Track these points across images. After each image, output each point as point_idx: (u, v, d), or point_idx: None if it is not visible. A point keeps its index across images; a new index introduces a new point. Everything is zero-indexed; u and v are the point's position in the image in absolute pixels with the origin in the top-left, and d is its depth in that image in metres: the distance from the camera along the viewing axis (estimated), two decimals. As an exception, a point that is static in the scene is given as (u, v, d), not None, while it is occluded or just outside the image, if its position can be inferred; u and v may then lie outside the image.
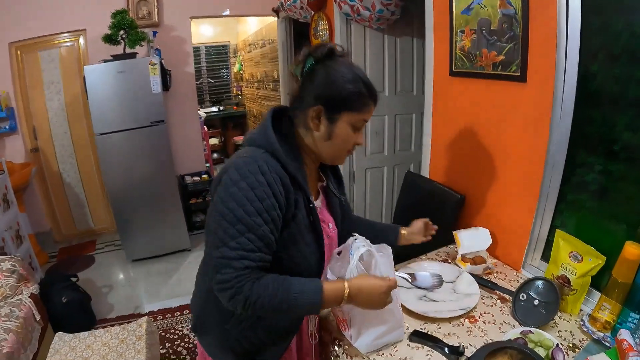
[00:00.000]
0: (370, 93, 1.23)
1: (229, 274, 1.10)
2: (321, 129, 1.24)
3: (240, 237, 1.10)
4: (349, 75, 1.20)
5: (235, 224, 1.11)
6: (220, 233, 1.12)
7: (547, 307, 1.49)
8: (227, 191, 1.13)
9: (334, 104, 1.21)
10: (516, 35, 1.69)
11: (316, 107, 1.21)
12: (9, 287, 2.66)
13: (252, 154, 1.17)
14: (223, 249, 1.11)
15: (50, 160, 4.62)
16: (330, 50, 1.22)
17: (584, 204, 1.62)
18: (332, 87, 1.19)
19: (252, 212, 1.10)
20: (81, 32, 4.37)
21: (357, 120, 1.24)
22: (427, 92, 2.38)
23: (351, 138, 1.26)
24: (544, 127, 1.65)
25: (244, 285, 1.10)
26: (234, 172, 1.13)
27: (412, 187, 2.60)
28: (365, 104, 1.23)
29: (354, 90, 1.20)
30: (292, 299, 1.14)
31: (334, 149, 1.28)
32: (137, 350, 2.22)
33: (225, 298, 1.12)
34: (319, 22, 3.57)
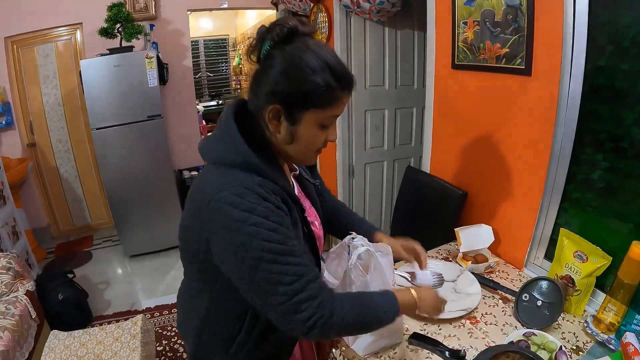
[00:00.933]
0: (342, 83, 1.01)
1: (311, 306, 0.99)
2: (282, 131, 1.06)
3: (290, 267, 0.98)
4: (313, 62, 0.97)
5: (276, 260, 0.97)
6: (268, 278, 0.97)
7: (551, 308, 1.45)
8: (242, 233, 0.96)
9: (295, 102, 1.00)
10: (521, 27, 1.64)
11: (274, 105, 1.01)
12: (4, 284, 2.63)
13: (236, 181, 0.99)
14: (283, 290, 0.97)
15: (47, 156, 4.59)
16: (291, 30, 0.99)
17: (589, 202, 1.58)
18: (289, 79, 0.98)
19: (282, 239, 0.98)
20: (77, 26, 4.32)
21: (325, 118, 1.04)
22: (428, 86, 2.33)
23: (319, 138, 1.07)
24: (549, 122, 1.61)
25: (332, 304, 1.02)
26: (233, 210, 0.96)
27: (412, 182, 2.56)
28: (335, 98, 1.01)
29: (319, 83, 0.97)
30: (371, 312, 1.09)
31: (300, 152, 1.10)
32: (132, 349, 2.20)
33: (318, 331, 1.00)
34: (318, 14, 3.52)
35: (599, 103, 1.47)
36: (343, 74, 1.01)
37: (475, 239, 1.85)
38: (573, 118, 1.54)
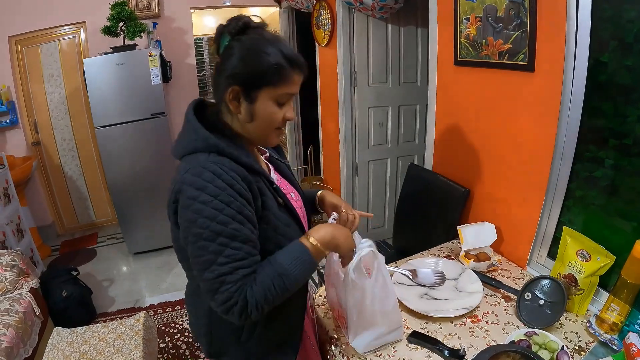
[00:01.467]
0: (292, 63, 1.11)
1: (228, 290, 1.02)
2: (242, 111, 1.14)
3: (226, 250, 1.03)
4: (264, 47, 1.09)
5: (214, 239, 1.02)
6: (205, 255, 1.04)
7: (553, 307, 1.44)
8: (191, 210, 1.04)
9: (251, 81, 1.10)
10: (524, 22, 1.63)
11: (232, 87, 1.10)
12: (8, 281, 2.65)
13: (197, 162, 1.07)
14: (213, 268, 1.03)
15: (52, 154, 4.60)
16: (245, 23, 1.11)
17: (593, 200, 1.56)
18: (246, 63, 1.09)
19: (226, 220, 1.03)
20: (81, 25, 4.32)
21: (280, 95, 1.12)
22: (431, 82, 2.32)
23: (277, 115, 1.15)
24: (552, 119, 1.59)
25: (246, 293, 1.03)
26: (189, 188, 1.04)
27: (415, 180, 2.55)
28: (287, 76, 1.11)
29: (270, 63, 1.08)
30: (291, 274, 1.09)
31: (260, 130, 1.17)
32: (134, 346, 2.20)
33: (236, 316, 1.05)
34: (321, 11, 3.52)
35: (602, 100, 1.46)
36: (292, 56, 1.11)
37: (478, 237, 1.84)
38: (576, 115, 1.52)
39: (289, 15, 4.63)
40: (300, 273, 1.10)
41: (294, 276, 1.09)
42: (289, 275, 1.08)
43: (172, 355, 2.82)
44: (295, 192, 1.39)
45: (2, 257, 2.75)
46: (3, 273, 2.67)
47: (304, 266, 1.11)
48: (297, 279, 1.10)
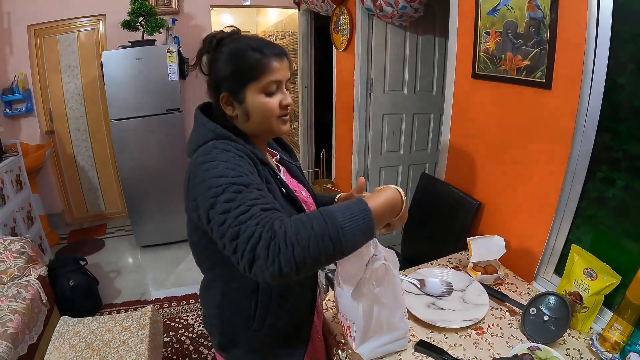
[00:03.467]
0: (264, 52, 1.15)
1: (249, 227, 0.90)
2: (238, 113, 1.20)
3: (240, 195, 0.96)
4: (236, 49, 1.16)
5: (225, 190, 0.97)
6: (217, 209, 0.96)
7: (557, 323, 1.45)
8: (199, 176, 1.03)
9: (234, 84, 1.16)
10: (543, 40, 1.64)
11: (222, 94, 1.18)
12: (17, 268, 2.68)
13: (205, 148, 1.10)
14: (229, 215, 0.93)
15: (65, 143, 4.65)
16: (218, 39, 1.20)
17: (602, 220, 1.57)
18: (224, 69, 1.16)
19: (239, 173, 1.00)
20: (100, 17, 4.37)
21: (265, 86, 1.16)
22: (447, 93, 2.33)
23: (270, 105, 1.18)
24: (567, 137, 1.60)
25: (274, 224, 0.90)
26: (199, 166, 1.05)
27: (426, 189, 2.56)
28: (264, 65, 1.14)
29: (244, 61, 1.14)
30: (342, 225, 0.91)
31: (260, 123, 1.21)
32: (140, 339, 2.22)
33: (262, 260, 0.88)
34: (340, 16, 3.54)
35: (617, 121, 1.47)
36: (262, 45, 1.16)
37: (487, 250, 1.85)
38: (590, 134, 1.53)
39: (308, 18, 4.66)
40: (352, 228, 0.92)
41: (343, 227, 0.91)
42: (335, 222, 0.91)
43: (176, 350, 2.84)
44: (305, 191, 1.41)
45: (12, 244, 2.78)
46: (12, 259, 2.70)
47: (358, 223, 0.93)
48: (346, 237, 0.91)
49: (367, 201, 0.98)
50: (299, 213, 1.09)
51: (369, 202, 0.98)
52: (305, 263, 0.88)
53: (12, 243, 2.78)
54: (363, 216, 0.95)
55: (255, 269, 0.89)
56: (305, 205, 1.32)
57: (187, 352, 2.83)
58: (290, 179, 1.40)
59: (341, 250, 0.92)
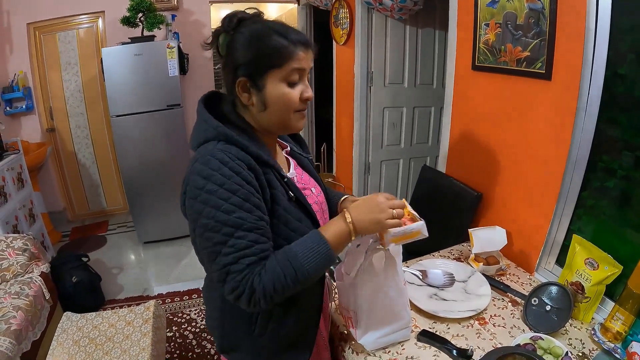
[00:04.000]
0: (290, 39, 1.08)
1: (234, 279, 1.01)
2: (254, 101, 1.13)
3: (230, 239, 1.01)
4: (258, 32, 1.09)
5: (219, 229, 1.01)
6: (210, 246, 1.03)
7: (559, 313, 1.45)
8: (198, 201, 1.03)
9: (254, 69, 1.09)
10: (543, 31, 1.64)
11: (239, 79, 1.10)
12: (20, 265, 2.69)
13: (205, 151, 1.07)
14: (219, 259, 1.02)
15: (66, 141, 4.65)
16: (240, 18, 1.12)
17: (603, 210, 1.58)
18: (245, 52, 1.09)
19: (232, 209, 1.01)
20: (100, 14, 4.37)
21: (287, 74, 1.09)
22: (448, 86, 2.33)
23: (291, 96, 1.12)
24: (567, 127, 1.60)
25: (253, 281, 1.01)
26: (196, 178, 1.03)
27: (428, 181, 2.56)
28: (289, 53, 1.08)
29: (267, 45, 1.07)
30: (302, 263, 1.04)
31: (278, 116, 1.14)
32: (144, 333, 2.22)
33: (244, 304, 1.04)
34: (340, 10, 3.53)
35: (618, 111, 1.47)
36: (288, 31, 1.09)
37: (488, 241, 1.85)
38: (591, 125, 1.53)
39: (307, 12, 4.65)
40: (315, 265, 1.06)
41: (306, 268, 1.05)
42: (301, 266, 1.04)
43: (179, 345, 2.86)
44: (316, 187, 1.36)
45: (14, 241, 2.79)
46: (15, 256, 2.71)
47: (319, 258, 1.06)
48: (309, 272, 1.05)
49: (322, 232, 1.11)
50: (307, 216, 1.20)
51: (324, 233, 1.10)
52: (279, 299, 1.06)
53: (14, 240, 2.79)
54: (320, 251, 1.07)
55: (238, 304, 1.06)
56: (316, 205, 1.28)
57: (190, 347, 2.84)
58: (302, 172, 1.36)
59: (308, 283, 1.09)
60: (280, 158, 1.32)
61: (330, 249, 1.08)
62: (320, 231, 1.11)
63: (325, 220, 1.32)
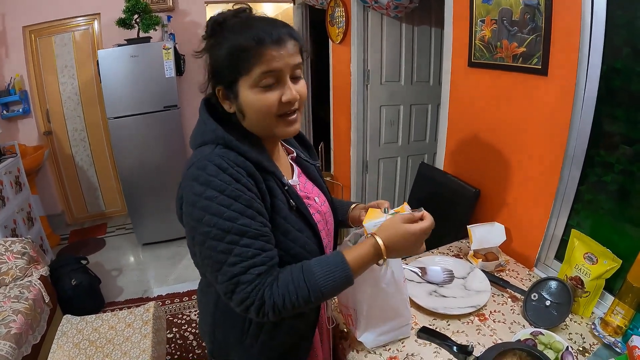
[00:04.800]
0: (257, 40, 0.98)
1: (244, 290, 0.97)
2: (235, 109, 1.07)
3: (236, 248, 0.96)
4: (224, 37, 1.01)
5: (223, 237, 0.96)
6: (213, 256, 0.98)
7: (559, 308, 1.46)
8: (197, 208, 0.98)
9: (225, 77, 1.03)
10: (538, 26, 1.64)
11: (217, 88, 1.07)
12: (19, 268, 2.69)
13: (203, 154, 1.02)
14: (225, 270, 0.97)
15: (63, 144, 4.65)
16: (215, 22, 1.05)
17: (601, 204, 1.58)
18: (214, 60, 1.04)
19: (234, 216, 0.96)
20: (95, 16, 4.36)
21: (257, 80, 1.00)
22: (445, 83, 2.33)
23: (266, 101, 1.02)
24: (564, 122, 1.60)
25: (264, 293, 0.97)
26: (193, 184, 0.98)
27: (426, 179, 2.56)
28: (255, 56, 0.98)
29: (231, 51, 1.00)
30: (319, 285, 1.00)
31: (258, 123, 1.08)
32: (144, 335, 2.23)
33: (254, 314, 0.99)
34: (336, 8, 3.52)
35: (614, 105, 1.47)
36: (257, 32, 0.99)
37: (487, 237, 1.85)
38: (588, 119, 1.53)
39: (303, 12, 4.64)
40: (330, 288, 1.02)
41: (321, 290, 1.00)
42: (316, 287, 1.00)
43: (180, 346, 2.86)
44: (320, 196, 1.30)
45: (12, 245, 2.79)
46: (13, 260, 2.71)
47: (336, 282, 1.02)
48: (323, 294, 1.01)
49: (345, 254, 1.05)
50: (308, 226, 1.15)
51: (347, 256, 1.05)
52: (288, 315, 1.02)
53: (13, 244, 2.79)
54: (339, 275, 1.02)
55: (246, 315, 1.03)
56: (318, 215, 1.23)
57: (191, 348, 2.84)
58: (306, 180, 1.30)
59: (319, 303, 1.10)
60: (284, 164, 1.27)
61: (351, 274, 1.04)
62: (344, 254, 1.06)
63: (327, 232, 1.28)
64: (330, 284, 1.01)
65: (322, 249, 1.20)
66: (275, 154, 1.22)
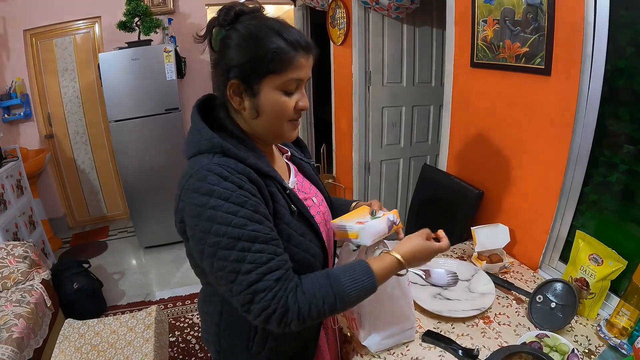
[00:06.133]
0: (294, 45, 0.99)
1: (264, 299, 0.93)
2: (246, 106, 1.04)
3: (249, 255, 0.93)
4: (260, 32, 0.99)
5: (234, 246, 0.93)
6: (227, 266, 0.94)
7: (564, 310, 1.44)
8: (203, 219, 0.94)
9: (250, 72, 1.00)
10: (541, 26, 1.63)
11: (231, 81, 1.01)
12: (20, 272, 2.69)
13: (201, 165, 0.99)
14: (240, 279, 0.93)
15: (65, 147, 4.65)
16: (238, 11, 1.02)
17: (606, 205, 1.57)
18: (242, 53, 0.99)
19: (243, 222, 0.94)
20: (96, 20, 4.37)
21: (285, 83, 1.01)
22: (447, 84, 2.32)
23: (286, 105, 1.04)
24: (568, 122, 1.59)
25: (288, 300, 0.94)
26: (196, 196, 0.95)
27: (428, 180, 2.55)
28: (290, 60, 0.99)
29: (268, 48, 0.97)
30: (346, 293, 0.99)
31: (270, 125, 1.07)
32: (146, 339, 2.22)
33: (275, 324, 0.95)
34: (337, 10, 3.52)
35: (618, 105, 1.46)
36: (294, 37, 1.00)
37: (491, 239, 1.84)
38: (592, 119, 1.52)
39: (304, 13, 4.64)
40: (356, 296, 1.02)
41: (348, 298, 1.00)
42: (343, 294, 0.99)
43: (182, 349, 2.85)
44: (318, 195, 1.30)
45: (14, 248, 2.78)
46: (15, 264, 2.70)
47: (363, 290, 1.02)
48: (350, 301, 1.02)
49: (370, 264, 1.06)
50: (311, 229, 1.15)
51: (371, 264, 1.06)
52: (310, 324, 1.00)
53: (14, 248, 2.79)
54: (366, 284, 1.03)
55: (266, 326, 0.98)
56: (319, 216, 1.22)
57: (194, 352, 2.83)
58: (303, 179, 1.29)
59: (344, 310, 1.06)
60: (280, 164, 1.26)
61: (376, 282, 1.05)
62: (369, 262, 1.07)
63: (327, 231, 1.26)
64: (357, 292, 1.01)
65: (325, 251, 1.19)
66: (271, 155, 1.21)
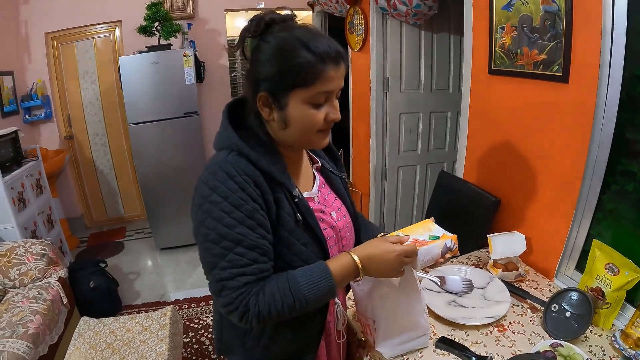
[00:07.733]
0: (323, 59, 0.98)
1: (229, 295, 1.00)
2: (275, 117, 1.05)
3: (229, 254, 0.99)
4: (286, 44, 0.98)
5: (219, 242, 0.99)
6: (209, 257, 1.02)
7: (579, 320, 1.43)
8: (202, 210, 1.01)
9: (277, 86, 1.00)
10: (559, 33, 1.62)
11: (260, 94, 1.03)
12: (38, 270, 2.72)
13: (218, 159, 1.04)
14: (215, 272, 1.01)
15: (84, 148, 4.72)
16: (268, 22, 1.02)
17: (623, 214, 1.55)
18: (268, 66, 1.00)
19: (233, 223, 0.99)
20: (116, 24, 4.44)
21: (313, 96, 1.01)
22: (465, 90, 2.31)
23: (315, 118, 1.03)
24: (585, 130, 1.58)
25: (249, 301, 1.00)
26: (204, 187, 1.02)
27: (445, 187, 2.54)
28: (318, 73, 0.98)
29: (293, 61, 0.97)
30: (304, 294, 1.02)
31: (299, 136, 1.08)
32: (160, 339, 2.24)
33: (236, 320, 1.03)
34: (355, 16, 3.53)
35: (636, 112, 1.44)
36: (323, 49, 0.98)
37: (507, 247, 1.83)
38: (610, 127, 1.51)
39: (322, 20, 4.65)
40: (314, 297, 1.04)
41: (306, 299, 1.03)
42: (301, 296, 1.02)
43: (196, 351, 2.86)
44: (342, 210, 1.28)
45: (32, 246, 2.83)
46: (33, 261, 2.74)
47: (321, 292, 1.04)
48: (307, 303, 1.03)
49: (329, 265, 1.07)
50: (315, 240, 1.14)
51: (330, 265, 1.07)
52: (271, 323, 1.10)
53: (32, 245, 2.83)
54: (323, 285, 1.04)
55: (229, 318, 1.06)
56: (331, 230, 1.22)
57: (207, 353, 2.85)
58: (328, 192, 1.28)
59: (304, 312, 1.07)
60: (306, 173, 1.25)
61: (334, 285, 1.06)
62: (328, 264, 1.07)
63: (341, 247, 1.27)
64: (314, 293, 1.03)
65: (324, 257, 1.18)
66: (297, 163, 1.22)
